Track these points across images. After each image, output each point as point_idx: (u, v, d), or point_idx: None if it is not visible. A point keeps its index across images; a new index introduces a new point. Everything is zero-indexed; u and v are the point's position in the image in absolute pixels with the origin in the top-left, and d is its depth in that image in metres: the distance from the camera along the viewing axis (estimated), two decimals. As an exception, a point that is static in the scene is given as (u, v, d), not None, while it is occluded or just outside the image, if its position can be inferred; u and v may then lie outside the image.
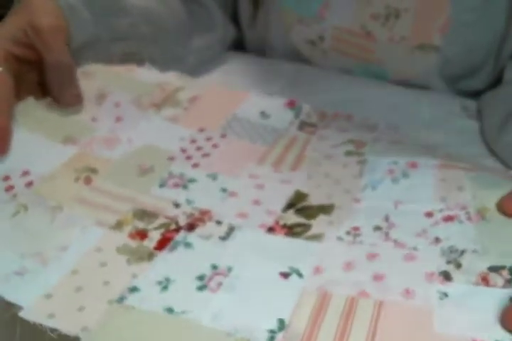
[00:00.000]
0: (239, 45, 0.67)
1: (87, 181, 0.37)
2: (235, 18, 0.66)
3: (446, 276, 0.30)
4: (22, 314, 0.28)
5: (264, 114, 0.47)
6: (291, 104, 0.48)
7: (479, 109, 0.53)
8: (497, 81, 0.55)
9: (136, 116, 0.44)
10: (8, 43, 0.41)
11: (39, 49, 0.41)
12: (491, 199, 0.35)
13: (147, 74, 0.48)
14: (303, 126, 0.46)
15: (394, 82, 0.59)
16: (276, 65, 0.61)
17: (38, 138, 0.40)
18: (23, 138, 0.40)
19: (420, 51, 0.55)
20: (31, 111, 0.42)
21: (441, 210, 0.35)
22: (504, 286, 0.29)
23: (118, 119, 0.43)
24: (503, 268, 0.30)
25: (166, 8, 0.54)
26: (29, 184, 0.36)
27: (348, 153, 0.42)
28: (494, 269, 0.30)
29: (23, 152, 0.39)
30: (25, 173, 0.37)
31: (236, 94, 0.48)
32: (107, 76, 0.46)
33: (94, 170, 0.38)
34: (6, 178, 0.37)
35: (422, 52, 0.55)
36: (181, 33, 0.56)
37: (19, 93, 0.41)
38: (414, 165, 0.39)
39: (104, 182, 0.38)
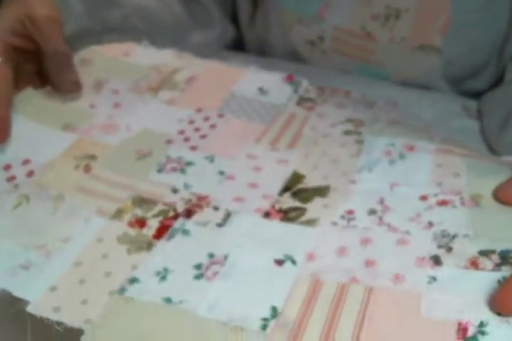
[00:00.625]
0: (239, 45, 0.67)
1: (87, 169, 0.38)
2: (234, 18, 0.66)
3: (436, 261, 0.31)
4: (30, 309, 0.29)
5: (262, 90, 0.47)
6: (290, 79, 0.48)
7: (480, 109, 0.53)
8: (500, 81, 0.54)
9: (134, 102, 0.44)
10: (6, 34, 0.42)
11: (36, 39, 0.42)
12: (485, 186, 0.35)
13: (143, 56, 0.48)
14: (301, 101, 0.46)
15: (395, 83, 0.59)
16: (275, 65, 0.60)
17: (38, 127, 0.41)
18: (23, 127, 0.41)
19: (421, 52, 0.55)
20: (30, 101, 0.42)
21: (436, 194, 0.36)
22: (493, 270, 0.30)
23: (116, 106, 0.44)
24: (493, 252, 0.31)
25: (160, 3, 0.55)
26: (30, 173, 0.37)
27: (346, 133, 0.42)
28: (484, 253, 0.31)
29: (23, 141, 0.40)
30: (26, 162, 0.38)
31: (233, 71, 0.48)
32: (103, 62, 0.47)
33: (93, 157, 0.39)
34: (7, 167, 0.38)
35: (423, 52, 0.55)
36: (178, 30, 0.57)
37: (18, 83, 0.42)
38: (411, 148, 0.39)
39: (104, 169, 0.38)
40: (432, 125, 0.46)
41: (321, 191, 0.37)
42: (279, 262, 0.32)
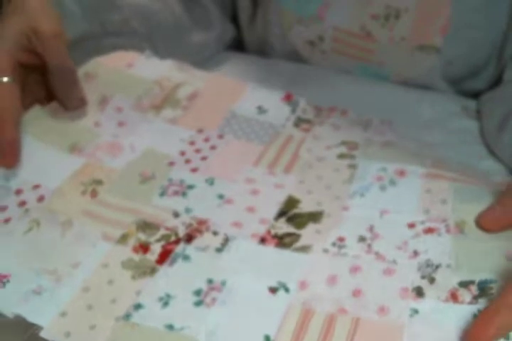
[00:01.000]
0: (239, 45, 0.68)
1: (93, 194, 0.40)
2: (234, 18, 0.66)
3: (419, 292, 0.33)
4: (43, 334, 0.32)
5: (261, 109, 0.49)
6: (288, 98, 0.50)
7: (479, 109, 0.54)
8: (499, 81, 0.55)
9: (138, 120, 0.46)
10: (13, 50, 0.42)
11: (41, 54, 0.43)
12: (470, 212, 0.37)
13: (146, 69, 0.50)
14: (299, 122, 0.48)
15: (395, 83, 0.59)
16: (275, 65, 0.62)
17: (46, 149, 0.43)
18: (32, 148, 0.42)
19: (421, 52, 0.55)
20: (37, 121, 0.44)
21: (423, 222, 0.38)
22: (470, 302, 0.32)
23: (120, 124, 0.46)
24: (472, 282, 0.33)
25: (160, 5, 0.56)
26: (40, 198, 0.39)
27: (340, 156, 0.44)
28: (464, 284, 0.33)
29: (32, 164, 0.42)
30: (36, 187, 0.40)
31: (234, 87, 0.50)
32: (107, 76, 0.48)
33: (99, 182, 0.41)
34: (19, 192, 0.40)
35: (423, 53, 0.55)
36: (178, 31, 0.58)
37: (24, 98, 0.42)
38: (402, 173, 0.41)
39: (109, 194, 0.40)
40: (425, 145, 0.47)
41: (315, 217, 0.39)
42: (273, 290, 0.34)
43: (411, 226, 0.38)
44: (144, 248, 0.37)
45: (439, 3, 0.52)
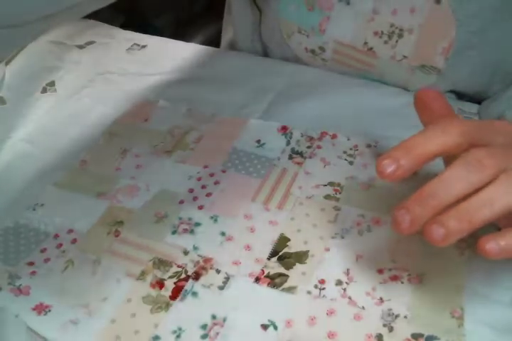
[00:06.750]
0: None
1: (116, 234, 0.48)
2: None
3: (379, 340, 0.41)
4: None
5: (259, 142, 0.54)
6: (284, 129, 0.55)
7: (479, 112, 0.57)
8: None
9: (152, 163, 0.53)
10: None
11: None
12: (431, 266, 0.45)
13: (160, 120, 0.58)
14: (292, 155, 0.54)
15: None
16: (276, 65, 0.65)
17: (77, 197, 0.51)
18: (64, 199, 0.51)
19: (422, 71, 0.57)
20: (65, 172, 0.52)
21: (390, 269, 0.45)
22: None
23: (137, 167, 0.52)
24: (421, 336, 0.41)
25: None
26: (74, 241, 0.47)
27: (327, 197, 0.51)
28: (415, 336, 0.41)
29: (67, 211, 0.50)
30: (70, 231, 0.48)
31: (235, 124, 0.56)
32: (127, 133, 0.57)
33: (120, 223, 0.48)
34: (56, 236, 0.48)
35: (424, 72, 0.57)
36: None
37: None
38: (377, 222, 0.48)
39: (129, 233, 0.48)
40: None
41: (301, 257, 0.47)
42: (265, 327, 0.43)
43: (380, 271, 0.45)
44: (160, 284, 0.45)
45: (444, 25, 0.53)
